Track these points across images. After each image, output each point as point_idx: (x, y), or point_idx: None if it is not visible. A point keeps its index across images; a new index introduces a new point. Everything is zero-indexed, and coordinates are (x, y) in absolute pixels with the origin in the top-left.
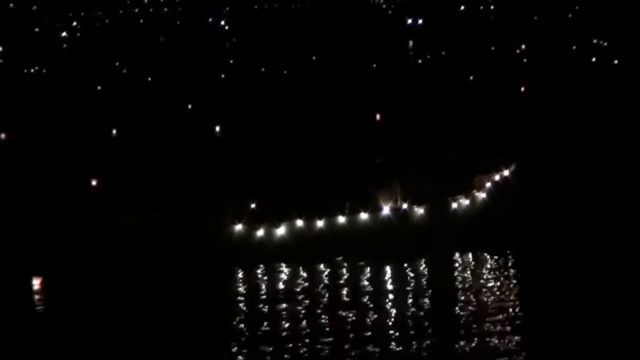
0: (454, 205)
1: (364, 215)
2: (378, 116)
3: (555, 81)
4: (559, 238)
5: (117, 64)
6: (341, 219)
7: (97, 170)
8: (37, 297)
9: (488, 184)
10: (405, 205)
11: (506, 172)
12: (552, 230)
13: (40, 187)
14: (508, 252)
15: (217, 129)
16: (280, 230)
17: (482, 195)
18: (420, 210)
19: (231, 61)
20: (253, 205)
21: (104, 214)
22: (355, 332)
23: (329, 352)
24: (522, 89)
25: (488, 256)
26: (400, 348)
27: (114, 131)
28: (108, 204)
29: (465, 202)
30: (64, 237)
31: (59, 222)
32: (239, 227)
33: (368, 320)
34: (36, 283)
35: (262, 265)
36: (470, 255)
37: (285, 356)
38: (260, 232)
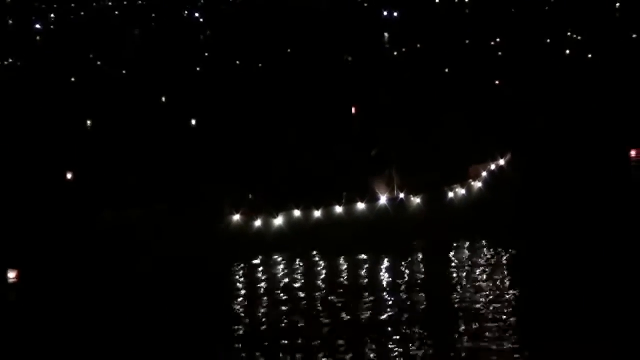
0: (451, 194)
1: (360, 205)
2: (353, 109)
3: (532, 74)
4: (556, 227)
5: (91, 56)
6: (338, 209)
7: (78, 163)
8: (12, 291)
9: (484, 174)
10: (402, 195)
11: (502, 162)
12: (549, 219)
13: (18, 180)
14: (505, 241)
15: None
16: (278, 221)
17: (478, 184)
18: (417, 200)
19: (207, 54)
20: (250, 196)
21: (87, 206)
22: (352, 324)
23: (326, 344)
24: (498, 82)
25: (485, 244)
26: (399, 339)
27: (89, 123)
28: (91, 197)
29: (462, 191)
30: (44, 229)
31: (38, 214)
32: (236, 217)
33: (365, 311)
34: (12, 276)
35: (260, 256)
36: (467, 243)
37: (283, 346)
38: (258, 223)
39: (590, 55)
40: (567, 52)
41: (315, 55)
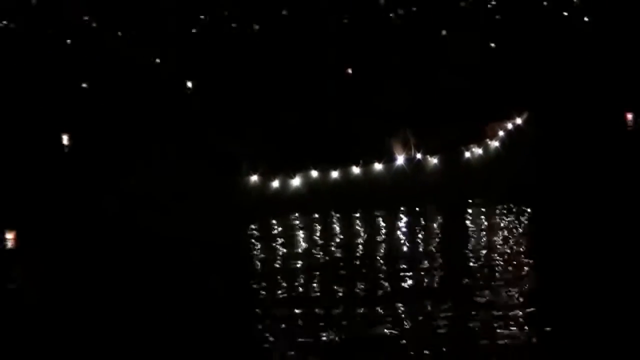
0: (467, 154)
1: (377, 166)
2: (349, 70)
3: (529, 37)
4: (574, 189)
5: (85, 18)
6: (355, 170)
7: (75, 126)
8: (8, 253)
9: (501, 132)
10: (418, 156)
11: (519, 120)
12: (567, 180)
13: (14, 141)
14: (522, 202)
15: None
16: (296, 182)
17: (495, 143)
18: (433, 160)
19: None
20: (268, 157)
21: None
22: (366, 283)
23: (342, 300)
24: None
25: (501, 205)
26: (412, 303)
27: (84, 85)
28: (90, 160)
29: (479, 151)
30: (42, 189)
31: (35, 174)
32: (254, 178)
33: (381, 275)
34: (9, 237)
35: (277, 217)
36: (483, 204)
37: (300, 304)
38: (275, 184)
39: (586, 18)
40: (565, 14)
41: (311, 17)
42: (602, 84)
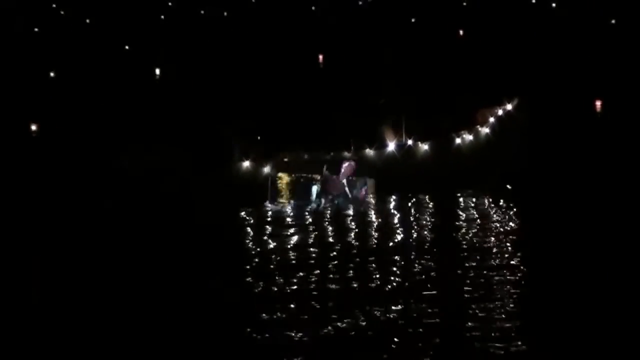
0: (458, 140)
1: (368, 152)
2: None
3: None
4: (563, 178)
5: (53, 5)
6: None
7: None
8: None
9: (492, 119)
10: (409, 142)
11: (509, 106)
12: (555, 167)
13: None
14: (511, 189)
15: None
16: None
17: (485, 130)
18: (424, 147)
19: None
20: (259, 142)
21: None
22: (360, 263)
23: (332, 281)
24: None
25: (490, 193)
26: (402, 291)
27: (52, 74)
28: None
29: (469, 137)
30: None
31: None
32: (246, 163)
33: (371, 258)
34: None
35: (268, 201)
36: (472, 192)
37: (295, 287)
38: (267, 169)
39: (554, 5)
40: (533, 1)
41: (280, 3)
42: (574, 71)
